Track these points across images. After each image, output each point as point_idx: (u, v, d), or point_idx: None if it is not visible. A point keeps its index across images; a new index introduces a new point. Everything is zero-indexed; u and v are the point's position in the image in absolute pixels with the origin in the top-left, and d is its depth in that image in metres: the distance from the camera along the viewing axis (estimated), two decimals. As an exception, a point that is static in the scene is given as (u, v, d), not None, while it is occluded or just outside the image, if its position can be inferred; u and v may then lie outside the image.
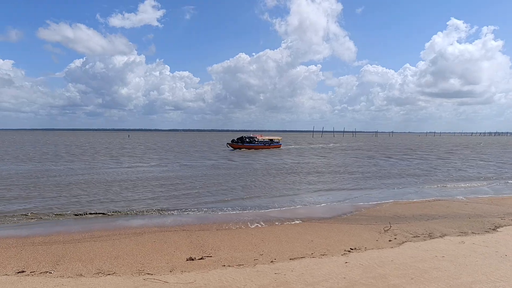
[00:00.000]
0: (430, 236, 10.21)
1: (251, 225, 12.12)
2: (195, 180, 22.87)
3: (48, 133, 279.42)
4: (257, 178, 23.89)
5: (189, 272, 7.23)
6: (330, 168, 31.16)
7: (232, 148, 57.30)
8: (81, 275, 7.22)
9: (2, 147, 60.15)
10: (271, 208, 14.87)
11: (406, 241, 9.60)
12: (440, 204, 15.58)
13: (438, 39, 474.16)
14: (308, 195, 18.30)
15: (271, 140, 63.06)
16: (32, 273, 7.34)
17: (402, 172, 28.87)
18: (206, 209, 14.51)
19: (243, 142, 57.87)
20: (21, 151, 50.09)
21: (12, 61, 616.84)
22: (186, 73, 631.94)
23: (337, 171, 29.24)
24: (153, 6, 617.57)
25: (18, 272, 7.42)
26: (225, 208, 14.72)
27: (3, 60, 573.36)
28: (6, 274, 7.27)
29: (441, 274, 6.72)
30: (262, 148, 58.78)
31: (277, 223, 12.37)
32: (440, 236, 10.16)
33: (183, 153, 49.88)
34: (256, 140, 59.45)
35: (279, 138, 66.64)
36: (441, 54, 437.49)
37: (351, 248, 8.96)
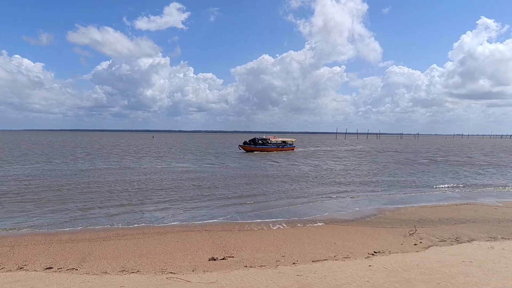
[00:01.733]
0: (457, 240, 9.92)
1: (273, 226, 12.09)
2: (206, 182, 23.02)
3: (79, 133, 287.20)
4: (273, 182, 23.83)
5: (211, 272, 7.27)
6: (353, 171, 30.76)
7: (244, 150, 55.23)
8: (106, 272, 7.37)
9: (57, 148, 62.17)
10: (293, 210, 14.82)
11: (432, 245, 9.36)
12: (468, 208, 15.11)
13: (467, 39, 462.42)
14: (330, 198, 18.09)
15: (285, 142, 60.96)
16: (59, 270, 7.55)
17: (429, 174, 28.20)
18: (234, 213, 14.58)
19: (255, 144, 55.40)
20: (76, 151, 51.68)
21: (42, 64, 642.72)
22: (209, 75, 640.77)
23: (359, 174, 28.84)
24: (178, 9, 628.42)
25: (46, 268, 7.64)
26: (249, 215, 14.72)
27: (34, 63, 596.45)
28: (35, 270, 7.51)
29: (469, 280, 6.50)
30: (275, 151, 56.60)
31: (299, 225, 12.29)
32: (468, 240, 9.86)
33: (200, 154, 50.25)
34: (269, 142, 57.18)
35: (293, 140, 64.71)
36: (470, 54, 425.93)
37: (374, 251, 8.80)
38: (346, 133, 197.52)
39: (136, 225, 12.12)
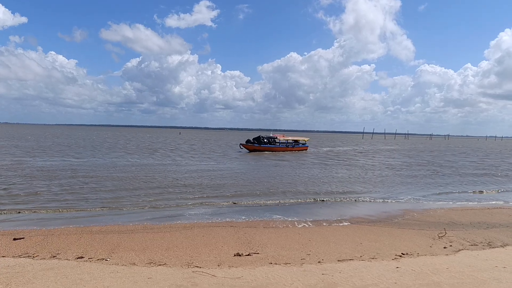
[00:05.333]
0: (490, 245, 9.59)
1: (298, 224, 12.04)
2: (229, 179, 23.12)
3: (110, 129, 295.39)
4: (292, 182, 23.71)
5: (236, 267, 7.31)
6: (377, 172, 30.25)
7: (247, 150, 49.21)
8: (134, 264, 7.54)
9: (103, 142, 64.25)
10: (317, 209, 14.74)
11: (462, 249, 9.09)
12: (502, 212, 14.57)
13: (506, 37, 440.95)
14: (355, 198, 17.85)
15: (296, 141, 54.99)
16: (90, 259, 7.79)
17: (461, 176, 27.38)
18: (257, 211, 14.62)
19: (260, 142, 49.24)
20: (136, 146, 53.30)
21: (76, 61, 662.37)
22: (237, 72, 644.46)
23: (384, 175, 28.31)
24: (208, 7, 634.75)
25: (77, 258, 7.90)
26: (273, 212, 14.73)
27: (68, 59, 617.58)
28: (67, 259, 7.78)
29: (502, 286, 6.27)
30: (283, 150, 50.61)
31: (324, 224, 12.20)
32: (501, 245, 9.52)
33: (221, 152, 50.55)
34: (277, 140, 51.47)
35: (306, 139, 58.48)
36: (508, 53, 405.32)
37: (402, 253, 8.63)
38: (373, 133, 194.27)
39: (163, 218, 12.36)
